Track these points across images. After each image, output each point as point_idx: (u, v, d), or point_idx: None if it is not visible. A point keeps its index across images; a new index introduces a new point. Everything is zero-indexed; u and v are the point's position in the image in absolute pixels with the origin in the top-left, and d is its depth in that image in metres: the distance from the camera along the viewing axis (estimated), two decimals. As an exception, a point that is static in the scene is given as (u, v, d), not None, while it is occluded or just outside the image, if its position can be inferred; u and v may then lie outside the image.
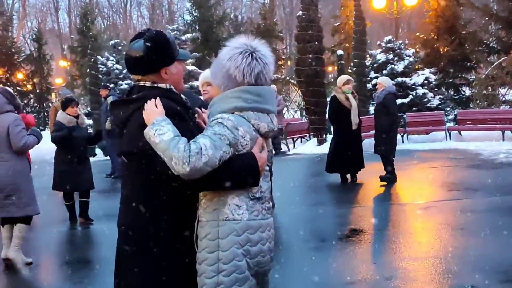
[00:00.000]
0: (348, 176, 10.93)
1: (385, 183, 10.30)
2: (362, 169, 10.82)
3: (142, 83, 2.75)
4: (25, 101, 30.39)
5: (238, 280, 2.57)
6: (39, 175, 6.86)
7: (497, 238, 6.43)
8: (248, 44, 2.70)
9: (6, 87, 6.67)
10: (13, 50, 31.16)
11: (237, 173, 2.56)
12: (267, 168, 2.73)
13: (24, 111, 25.78)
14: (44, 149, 11.78)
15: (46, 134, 20.09)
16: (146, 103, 2.60)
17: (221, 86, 2.73)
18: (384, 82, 10.63)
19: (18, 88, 30.02)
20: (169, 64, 2.77)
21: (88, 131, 8.37)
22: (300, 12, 17.52)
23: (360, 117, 10.89)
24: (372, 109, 16.68)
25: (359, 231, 7.26)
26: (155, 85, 2.74)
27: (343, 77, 11.06)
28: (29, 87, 31.31)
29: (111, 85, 17.35)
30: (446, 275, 5.29)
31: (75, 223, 8.44)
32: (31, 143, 6.20)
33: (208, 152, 2.46)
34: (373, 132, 11.26)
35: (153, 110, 2.56)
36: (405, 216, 8.14)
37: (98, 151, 18.42)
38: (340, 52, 21.51)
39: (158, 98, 2.61)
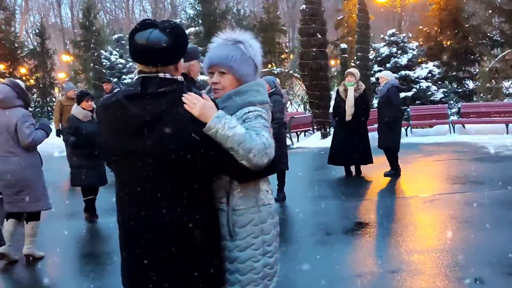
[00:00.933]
0: (353, 169, 10.96)
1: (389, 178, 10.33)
2: (370, 164, 10.82)
3: (161, 75, 2.57)
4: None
5: (277, 259, 2.77)
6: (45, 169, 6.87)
7: (503, 231, 6.48)
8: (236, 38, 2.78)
9: (17, 80, 6.62)
10: (16, 45, 31.14)
11: (274, 161, 2.66)
12: None
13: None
14: (50, 144, 11.82)
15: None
16: (183, 96, 2.51)
17: (245, 76, 2.73)
18: (386, 76, 10.62)
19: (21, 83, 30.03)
20: (183, 56, 2.68)
21: None
22: (304, 6, 17.50)
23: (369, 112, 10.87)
24: (375, 102, 16.69)
25: (364, 224, 7.29)
26: (175, 78, 2.62)
27: (346, 71, 11.12)
28: (32, 81, 31.29)
29: (115, 79, 17.35)
30: (452, 268, 5.32)
31: (95, 218, 8.38)
32: (39, 139, 6.16)
33: (272, 143, 2.57)
34: (376, 125, 11.25)
35: (207, 104, 2.50)
36: (410, 209, 8.15)
37: None
38: (343, 45, 21.46)
39: (203, 92, 2.64)
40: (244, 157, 2.47)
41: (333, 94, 12.88)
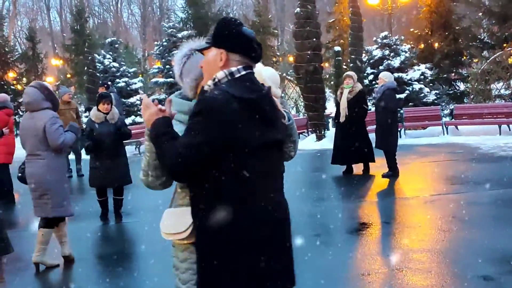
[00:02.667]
0: (355, 167, 11.22)
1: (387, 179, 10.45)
2: (371, 162, 11.05)
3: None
4: (19, 100, 30.22)
5: None
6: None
7: (503, 230, 6.60)
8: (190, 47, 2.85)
9: (44, 83, 6.61)
10: (6, 49, 30.99)
11: None
12: None
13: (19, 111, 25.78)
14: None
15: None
16: None
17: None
18: (384, 77, 10.70)
19: (12, 87, 29.83)
20: None
21: (119, 127, 8.22)
22: (298, 9, 17.59)
23: (366, 111, 11.07)
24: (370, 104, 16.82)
25: (366, 225, 7.38)
26: None
27: (344, 74, 11.32)
28: (19, 87, 31.07)
29: (109, 82, 17.34)
30: (456, 266, 5.42)
31: (106, 220, 8.45)
32: (69, 141, 6.15)
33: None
34: (370, 127, 11.41)
35: None
36: (410, 209, 8.25)
37: None
38: (337, 48, 21.58)
39: (172, 96, 2.87)
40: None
41: (328, 96, 13.08)
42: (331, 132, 17.79)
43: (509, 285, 4.92)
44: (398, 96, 14.17)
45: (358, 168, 11.26)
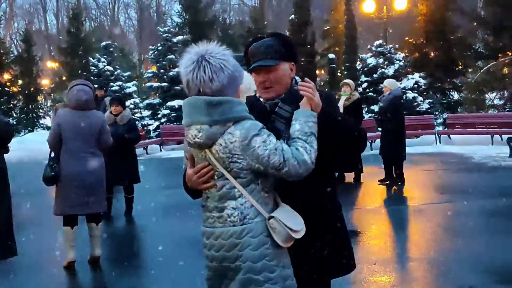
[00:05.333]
0: (347, 175, 11.22)
1: (386, 183, 10.54)
2: (358, 171, 11.02)
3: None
4: (13, 103, 30.11)
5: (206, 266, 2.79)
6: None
7: (491, 240, 6.61)
8: (197, 52, 2.64)
9: (88, 82, 6.69)
10: (1, 51, 30.91)
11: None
12: (216, 177, 2.67)
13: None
14: (38, 150, 11.81)
15: (36, 136, 19.97)
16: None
17: None
18: (390, 85, 10.62)
19: (6, 89, 29.75)
20: None
21: (127, 130, 8.44)
22: (293, 16, 17.67)
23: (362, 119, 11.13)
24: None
25: (356, 232, 7.36)
26: None
27: (342, 82, 11.34)
28: (15, 89, 30.96)
29: (107, 85, 17.31)
30: (445, 276, 5.42)
31: (109, 217, 8.63)
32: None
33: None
34: (370, 134, 11.36)
35: None
36: (399, 218, 8.28)
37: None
38: (331, 55, 21.65)
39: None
40: None
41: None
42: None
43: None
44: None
45: (349, 177, 11.27)
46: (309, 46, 17.37)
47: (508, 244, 6.31)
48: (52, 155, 6.18)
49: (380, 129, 14.59)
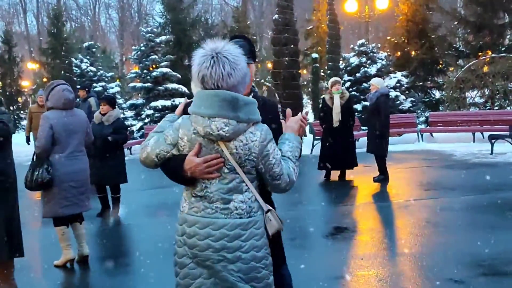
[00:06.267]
0: (333, 174, 11.32)
1: (379, 183, 10.59)
2: (355, 167, 11.23)
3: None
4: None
5: (176, 262, 2.95)
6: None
7: (474, 234, 6.73)
8: (212, 48, 2.75)
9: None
10: (-18, 52, 30.71)
11: (170, 171, 2.88)
12: (227, 170, 2.78)
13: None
14: (20, 152, 11.70)
15: (17, 137, 19.83)
16: None
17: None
18: (377, 84, 10.74)
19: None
20: None
21: (113, 129, 8.45)
22: (277, 16, 17.72)
23: (355, 117, 11.23)
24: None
25: (342, 228, 7.46)
26: None
27: (331, 80, 11.44)
28: (-3, 90, 30.76)
29: (90, 85, 17.23)
30: (428, 270, 5.51)
31: (106, 216, 8.73)
32: None
33: (147, 149, 2.89)
34: (363, 131, 11.42)
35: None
36: (384, 214, 8.37)
37: None
38: (315, 55, 21.75)
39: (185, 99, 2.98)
40: None
41: (305, 102, 13.14)
42: (308, 139, 17.91)
43: (480, 288, 5.03)
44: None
45: (334, 174, 11.37)
46: (292, 46, 17.39)
47: (492, 238, 6.42)
48: (35, 158, 6.07)
49: (365, 127, 14.80)
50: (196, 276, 2.86)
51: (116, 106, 8.83)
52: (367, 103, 12.15)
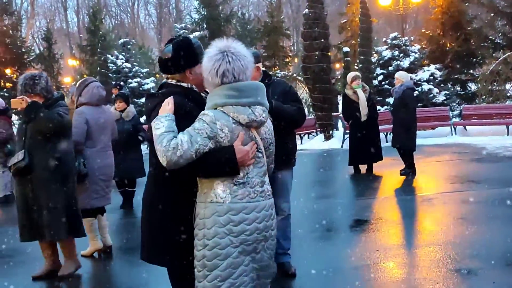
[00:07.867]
0: (362, 167, 11.39)
1: (404, 176, 10.58)
2: (380, 161, 11.28)
3: (169, 81, 3.22)
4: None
5: (218, 254, 2.93)
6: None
7: (497, 227, 6.68)
8: (225, 45, 2.99)
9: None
10: (23, 50, 31.40)
11: (215, 164, 2.90)
12: (260, 154, 3.05)
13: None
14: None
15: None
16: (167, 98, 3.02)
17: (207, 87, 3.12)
18: (401, 77, 10.70)
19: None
20: (193, 65, 3.16)
21: (132, 125, 8.77)
22: (307, 10, 17.74)
23: (378, 111, 11.29)
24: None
25: (364, 221, 7.52)
26: (179, 83, 3.18)
27: (351, 74, 11.43)
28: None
29: (121, 83, 17.61)
30: (448, 260, 5.52)
31: (129, 209, 9.09)
32: None
33: (183, 146, 2.83)
34: (385, 126, 11.43)
35: (163, 107, 2.99)
36: (409, 207, 8.37)
37: None
38: (346, 49, 21.69)
39: (171, 97, 3.01)
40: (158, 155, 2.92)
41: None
42: (339, 132, 17.92)
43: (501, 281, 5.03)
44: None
45: (362, 168, 11.44)
46: (322, 40, 17.39)
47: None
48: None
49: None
50: (239, 264, 2.95)
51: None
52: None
